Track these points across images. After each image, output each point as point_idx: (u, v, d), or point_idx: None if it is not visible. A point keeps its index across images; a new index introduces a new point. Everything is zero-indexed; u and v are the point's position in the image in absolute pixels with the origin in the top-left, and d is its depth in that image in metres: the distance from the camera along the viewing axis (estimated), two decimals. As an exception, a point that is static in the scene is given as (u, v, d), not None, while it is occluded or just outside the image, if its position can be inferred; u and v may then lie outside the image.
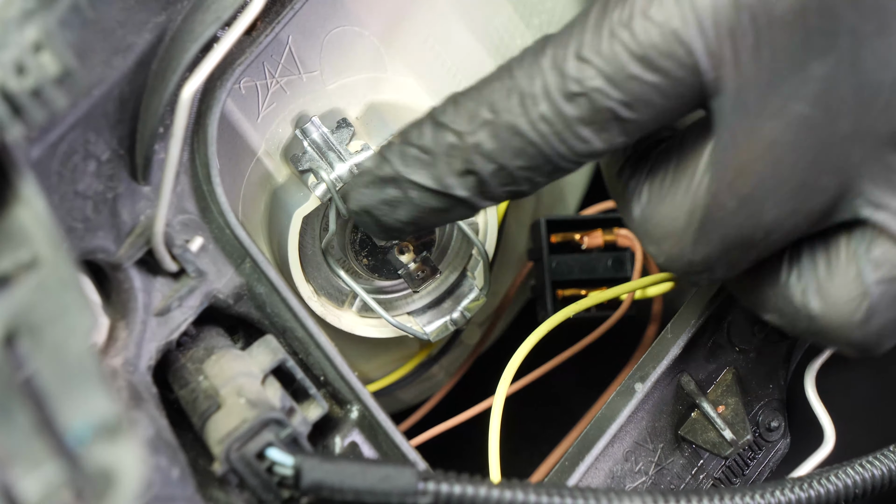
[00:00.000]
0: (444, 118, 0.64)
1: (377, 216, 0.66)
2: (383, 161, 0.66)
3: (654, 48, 0.59)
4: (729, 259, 0.63)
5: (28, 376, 0.52)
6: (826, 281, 0.63)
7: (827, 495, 0.67)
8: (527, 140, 0.62)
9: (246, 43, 0.70)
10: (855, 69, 0.57)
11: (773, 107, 0.59)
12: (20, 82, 0.55)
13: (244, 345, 0.71)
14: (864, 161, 0.60)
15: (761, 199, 0.61)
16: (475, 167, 0.63)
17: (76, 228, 0.64)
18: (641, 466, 0.73)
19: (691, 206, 0.63)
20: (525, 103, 0.62)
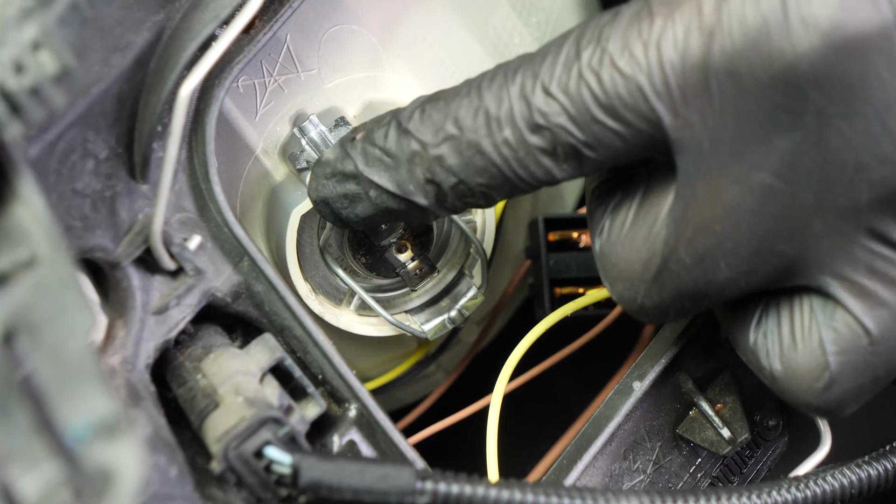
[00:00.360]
0: (409, 125, 0.65)
1: (336, 208, 0.68)
2: (346, 157, 0.67)
3: (619, 98, 0.60)
4: (682, 307, 0.65)
5: (27, 375, 0.52)
6: (789, 347, 0.64)
7: (824, 495, 0.67)
8: (489, 160, 0.63)
9: (244, 41, 0.69)
10: (819, 147, 0.58)
11: (735, 172, 0.59)
12: (19, 81, 0.55)
13: (242, 343, 0.71)
14: (825, 233, 0.60)
15: (717, 257, 0.61)
16: (436, 178, 0.64)
17: (74, 227, 0.64)
18: (639, 465, 0.73)
19: (648, 255, 0.63)
20: (490, 125, 0.63)
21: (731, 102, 0.58)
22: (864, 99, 0.56)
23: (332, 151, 0.68)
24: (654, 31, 0.59)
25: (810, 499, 0.67)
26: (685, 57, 0.58)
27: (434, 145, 0.64)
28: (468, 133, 0.63)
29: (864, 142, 0.57)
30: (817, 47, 0.56)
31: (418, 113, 0.65)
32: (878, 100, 0.56)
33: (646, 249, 0.63)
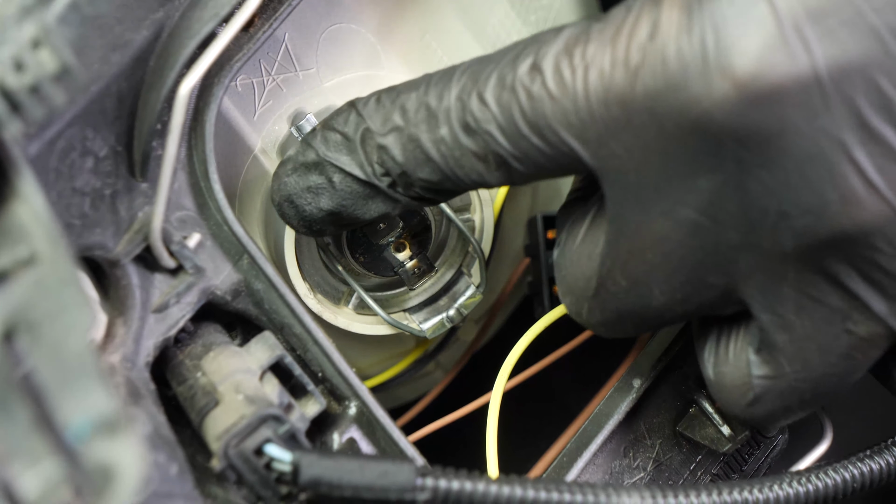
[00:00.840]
0: (364, 111, 0.65)
1: (299, 205, 0.68)
2: (307, 147, 0.67)
3: (544, 118, 0.60)
4: (625, 327, 0.66)
5: (27, 373, 0.52)
6: (722, 362, 0.65)
7: (825, 490, 0.67)
8: (427, 155, 0.63)
9: (243, 40, 0.70)
10: (741, 191, 0.57)
11: (661, 206, 0.59)
12: (19, 79, 0.55)
13: (242, 341, 0.71)
14: (753, 270, 0.60)
15: (650, 284, 0.62)
16: (385, 165, 0.65)
17: (74, 225, 0.64)
18: (640, 462, 0.73)
19: (589, 274, 0.64)
20: (430, 121, 0.63)
21: (654, 140, 0.58)
22: (783, 150, 0.56)
23: (294, 148, 0.68)
24: (585, 58, 0.59)
25: (812, 493, 0.67)
26: (609, 90, 0.58)
27: (381, 134, 0.64)
28: (410, 126, 0.64)
29: (785, 191, 0.57)
30: (732, 98, 0.55)
31: (373, 100, 0.66)
32: (796, 151, 0.56)
33: (588, 267, 0.64)
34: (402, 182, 0.65)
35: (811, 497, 0.67)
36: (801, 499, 0.67)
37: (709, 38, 0.56)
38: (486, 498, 0.63)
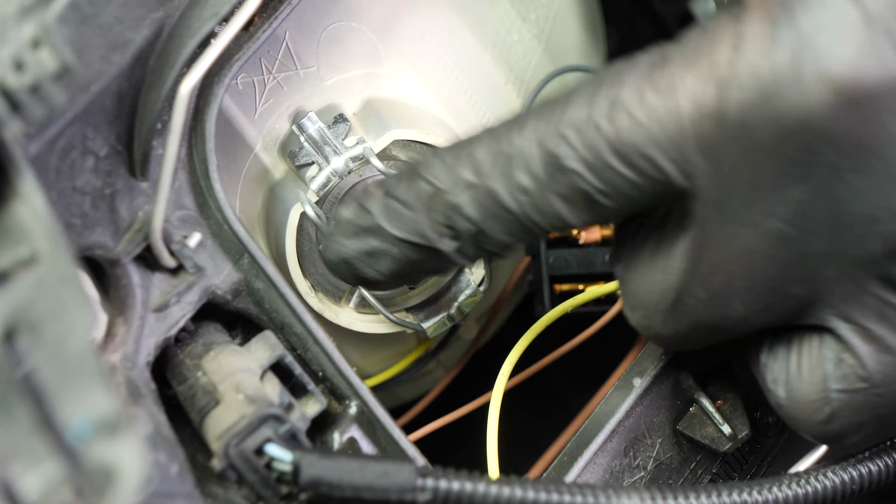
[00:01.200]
0: (427, 174, 0.64)
1: (357, 267, 0.66)
2: (364, 212, 0.65)
3: (632, 146, 0.59)
4: (697, 338, 0.65)
5: (27, 373, 0.52)
6: (794, 378, 0.65)
7: (825, 491, 0.67)
8: (506, 208, 0.62)
9: (243, 39, 0.69)
10: (831, 199, 0.58)
11: (748, 218, 0.59)
12: (19, 78, 0.55)
13: (242, 340, 0.71)
14: (837, 279, 0.60)
15: (731, 296, 0.62)
16: (455, 225, 0.64)
17: (74, 224, 0.64)
18: (640, 462, 0.73)
19: (664, 288, 0.63)
20: (506, 170, 0.62)
21: (745, 153, 0.58)
22: (876, 154, 0.56)
23: (348, 209, 0.66)
24: (669, 80, 0.59)
25: (811, 495, 0.67)
26: (699, 107, 0.58)
27: (451, 193, 0.63)
28: (486, 179, 0.62)
29: (876, 196, 0.57)
30: (829, 103, 0.55)
31: (435, 160, 0.64)
32: (889, 156, 0.56)
33: (663, 281, 0.64)
34: (472, 240, 0.64)
35: (810, 499, 0.67)
36: (800, 500, 0.67)
37: (800, 45, 0.56)
38: (486, 499, 0.63)
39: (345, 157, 0.75)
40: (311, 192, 0.75)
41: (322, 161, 0.75)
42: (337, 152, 0.75)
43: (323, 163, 0.75)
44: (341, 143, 0.75)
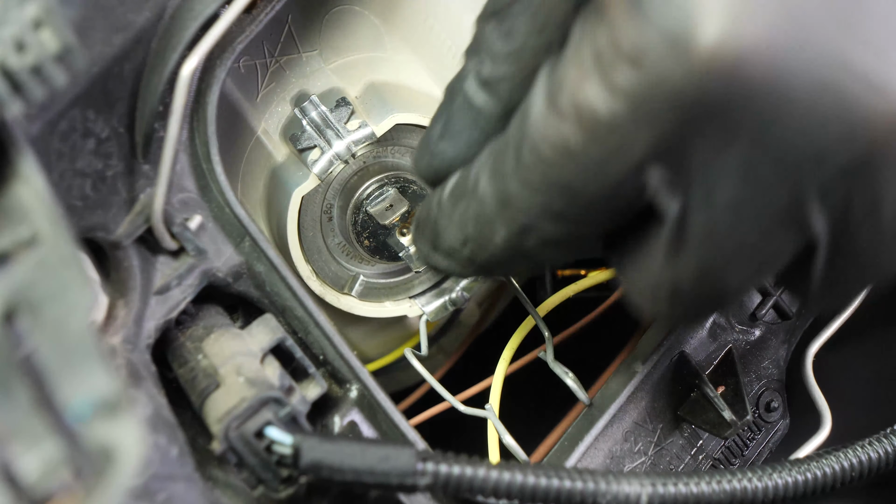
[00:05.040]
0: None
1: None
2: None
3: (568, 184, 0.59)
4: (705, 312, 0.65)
5: (28, 353, 0.52)
6: None
7: (825, 478, 0.67)
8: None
9: (246, 21, 0.69)
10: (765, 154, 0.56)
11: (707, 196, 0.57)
12: (20, 59, 0.54)
13: (243, 324, 0.71)
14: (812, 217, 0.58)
15: (722, 268, 0.60)
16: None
17: (75, 206, 0.64)
18: (641, 447, 0.73)
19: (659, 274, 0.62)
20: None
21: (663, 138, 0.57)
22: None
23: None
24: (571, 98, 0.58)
25: (811, 481, 0.67)
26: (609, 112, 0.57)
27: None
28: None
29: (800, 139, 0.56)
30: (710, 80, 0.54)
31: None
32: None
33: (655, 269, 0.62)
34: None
35: (811, 485, 0.67)
36: (800, 487, 0.67)
37: (665, 23, 0.54)
38: (486, 483, 0.63)
39: (347, 141, 0.75)
40: (312, 177, 0.75)
41: (324, 144, 0.75)
42: (339, 136, 0.75)
43: (325, 146, 0.75)
44: (343, 127, 0.75)
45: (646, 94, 0.55)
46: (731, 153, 0.55)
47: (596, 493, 0.63)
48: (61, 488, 0.51)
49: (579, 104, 0.56)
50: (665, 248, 0.60)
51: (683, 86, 0.54)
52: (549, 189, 0.59)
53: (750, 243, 0.58)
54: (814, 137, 0.55)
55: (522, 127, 0.59)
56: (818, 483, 0.67)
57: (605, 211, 0.59)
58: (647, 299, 0.63)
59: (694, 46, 0.53)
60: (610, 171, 0.57)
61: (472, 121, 0.64)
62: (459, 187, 0.64)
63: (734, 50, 0.53)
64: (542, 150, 0.58)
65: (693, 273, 0.60)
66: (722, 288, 0.61)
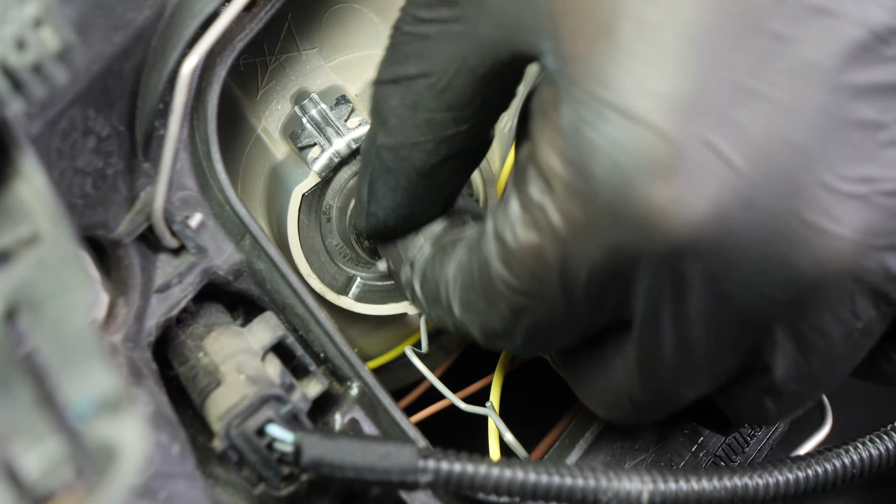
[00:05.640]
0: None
1: None
2: None
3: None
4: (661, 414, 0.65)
5: (29, 352, 0.52)
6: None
7: (825, 475, 0.67)
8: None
9: (246, 19, 0.69)
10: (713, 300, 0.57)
11: (667, 332, 0.59)
12: (20, 57, 0.54)
13: (244, 321, 0.71)
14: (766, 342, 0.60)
15: (677, 387, 0.61)
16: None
17: (76, 205, 0.64)
18: (641, 443, 0.73)
19: (615, 390, 0.64)
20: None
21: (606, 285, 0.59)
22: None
23: None
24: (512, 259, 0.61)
25: (812, 478, 0.67)
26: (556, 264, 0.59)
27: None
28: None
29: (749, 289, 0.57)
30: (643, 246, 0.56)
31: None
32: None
33: (611, 385, 0.64)
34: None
35: (811, 482, 0.67)
36: (801, 483, 0.67)
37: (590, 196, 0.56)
38: (487, 481, 0.63)
39: (347, 139, 0.75)
40: (312, 175, 0.75)
41: (324, 142, 0.75)
42: (339, 134, 0.75)
43: (325, 144, 0.75)
44: (343, 125, 0.75)
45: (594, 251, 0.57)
46: (684, 304, 0.57)
47: (597, 490, 0.63)
48: (63, 487, 0.51)
49: (531, 265, 0.59)
50: (623, 366, 0.62)
51: (635, 253, 0.56)
52: (529, 328, 0.61)
53: (702, 367, 0.60)
54: (761, 285, 0.56)
55: (485, 277, 0.61)
56: (819, 480, 0.67)
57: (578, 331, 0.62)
58: (605, 408, 0.65)
59: (642, 217, 0.55)
60: (577, 318, 0.60)
61: (393, 186, 0.66)
62: (431, 294, 0.66)
63: (683, 218, 0.55)
64: (512, 302, 0.60)
65: (649, 392, 0.62)
66: (678, 400, 0.63)
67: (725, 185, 0.54)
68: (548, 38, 0.57)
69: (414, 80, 0.63)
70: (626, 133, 0.54)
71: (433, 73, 0.62)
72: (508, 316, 0.61)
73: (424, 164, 0.65)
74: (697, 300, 0.57)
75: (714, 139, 0.54)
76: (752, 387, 0.62)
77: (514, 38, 0.60)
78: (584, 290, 0.58)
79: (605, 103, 0.55)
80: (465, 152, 0.65)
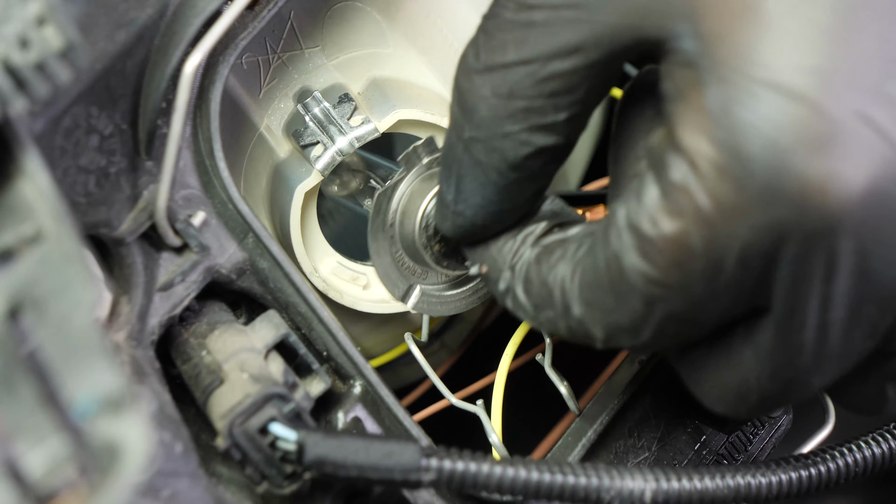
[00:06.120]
0: None
1: None
2: None
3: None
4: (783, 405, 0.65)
5: (32, 350, 0.52)
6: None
7: (828, 473, 0.67)
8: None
9: (248, 17, 0.69)
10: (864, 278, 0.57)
11: (810, 318, 0.59)
12: (24, 56, 0.54)
13: (247, 320, 0.71)
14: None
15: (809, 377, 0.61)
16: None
17: (79, 203, 0.64)
18: (644, 442, 0.73)
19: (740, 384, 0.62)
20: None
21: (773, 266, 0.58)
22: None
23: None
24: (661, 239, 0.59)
25: (814, 476, 0.67)
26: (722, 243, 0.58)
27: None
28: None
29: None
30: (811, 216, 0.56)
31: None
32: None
33: (735, 378, 0.63)
34: None
35: (814, 480, 0.67)
36: (804, 482, 0.67)
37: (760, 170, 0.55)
38: (490, 479, 0.63)
39: (350, 137, 0.75)
40: (315, 174, 0.75)
41: (327, 140, 0.75)
42: (342, 132, 0.75)
43: (328, 142, 0.75)
44: (346, 123, 0.75)
45: (750, 237, 0.56)
46: (831, 284, 0.56)
47: (600, 488, 0.63)
48: (66, 485, 0.51)
49: (674, 253, 0.58)
50: (754, 355, 0.61)
51: (788, 231, 0.55)
52: (662, 320, 0.60)
53: (837, 353, 0.59)
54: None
55: (615, 270, 0.60)
56: (822, 478, 0.67)
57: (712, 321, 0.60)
58: (727, 404, 0.64)
59: (798, 193, 0.54)
60: (716, 306, 0.59)
61: (483, 182, 0.65)
62: (540, 297, 0.64)
63: (840, 193, 0.54)
64: (648, 293, 0.59)
65: (780, 382, 0.61)
66: (805, 391, 0.62)
67: (882, 159, 0.54)
68: (685, 20, 0.57)
69: (511, 68, 0.61)
70: (781, 109, 0.54)
71: (536, 60, 0.61)
72: (641, 309, 0.60)
73: (517, 155, 0.63)
74: (844, 279, 0.56)
75: (871, 112, 0.54)
76: (875, 374, 0.62)
77: (642, 23, 0.59)
78: (729, 275, 0.57)
79: (757, 81, 0.55)
80: (559, 142, 0.63)
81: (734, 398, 0.63)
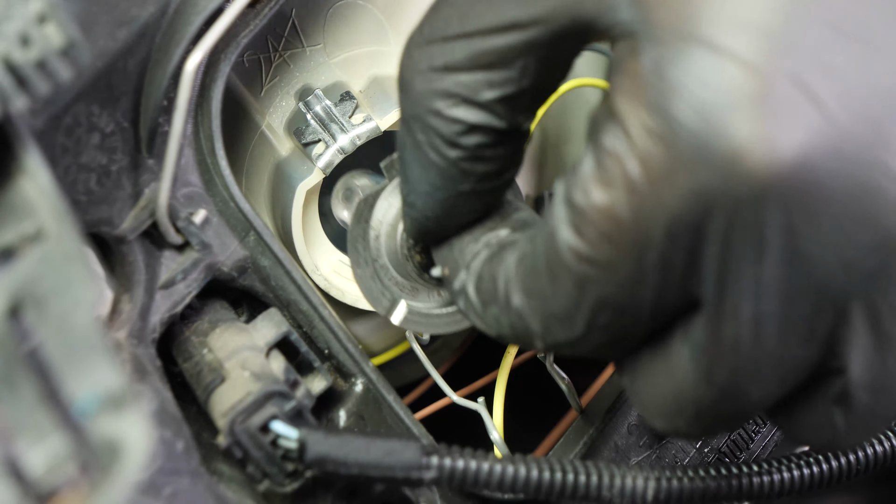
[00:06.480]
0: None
1: None
2: None
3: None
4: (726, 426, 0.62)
5: (33, 348, 0.52)
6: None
7: (830, 471, 0.67)
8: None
9: (250, 16, 0.69)
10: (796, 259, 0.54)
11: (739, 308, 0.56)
12: (25, 54, 0.54)
13: (248, 318, 0.71)
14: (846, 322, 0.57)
15: (744, 384, 0.57)
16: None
17: (80, 201, 0.64)
18: (646, 440, 0.73)
19: (677, 393, 0.59)
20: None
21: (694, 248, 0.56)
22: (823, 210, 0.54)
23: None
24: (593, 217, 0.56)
25: (816, 474, 0.67)
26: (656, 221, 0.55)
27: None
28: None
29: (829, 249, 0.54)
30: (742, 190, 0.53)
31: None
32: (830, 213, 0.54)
33: (672, 386, 0.60)
34: None
35: (816, 478, 0.67)
36: (805, 480, 0.67)
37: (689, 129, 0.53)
38: (491, 477, 0.63)
39: (351, 135, 0.75)
40: (317, 172, 0.75)
41: (328, 138, 0.75)
42: (343, 130, 0.75)
43: (329, 140, 0.75)
44: (348, 121, 0.75)
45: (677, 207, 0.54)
46: (761, 266, 0.54)
47: (601, 486, 0.63)
48: (67, 483, 0.51)
49: (603, 224, 0.55)
50: (687, 359, 0.58)
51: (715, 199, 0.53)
52: (594, 305, 0.57)
53: (774, 356, 0.56)
54: (844, 247, 0.53)
55: (551, 250, 0.57)
56: (823, 477, 0.67)
57: (651, 319, 0.58)
58: (666, 418, 0.61)
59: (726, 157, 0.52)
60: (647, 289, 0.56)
61: (424, 164, 0.63)
62: (487, 292, 0.62)
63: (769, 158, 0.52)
64: (579, 272, 0.56)
65: (715, 389, 0.58)
66: (745, 402, 0.58)
67: (814, 128, 0.52)
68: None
69: (450, 42, 0.60)
70: (712, 67, 0.52)
71: (475, 34, 0.59)
72: (573, 293, 0.57)
73: (450, 131, 0.61)
74: (773, 263, 0.53)
75: (806, 77, 0.52)
76: (821, 396, 0.59)
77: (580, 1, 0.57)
78: (658, 251, 0.55)
79: (689, 38, 0.52)
80: (495, 123, 0.61)
81: (672, 409, 0.60)
